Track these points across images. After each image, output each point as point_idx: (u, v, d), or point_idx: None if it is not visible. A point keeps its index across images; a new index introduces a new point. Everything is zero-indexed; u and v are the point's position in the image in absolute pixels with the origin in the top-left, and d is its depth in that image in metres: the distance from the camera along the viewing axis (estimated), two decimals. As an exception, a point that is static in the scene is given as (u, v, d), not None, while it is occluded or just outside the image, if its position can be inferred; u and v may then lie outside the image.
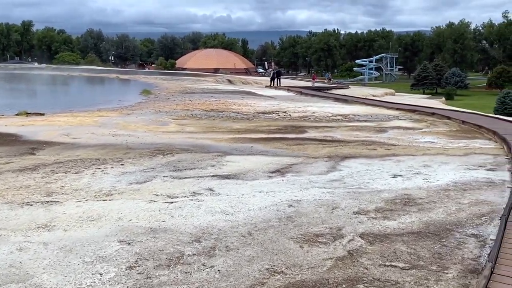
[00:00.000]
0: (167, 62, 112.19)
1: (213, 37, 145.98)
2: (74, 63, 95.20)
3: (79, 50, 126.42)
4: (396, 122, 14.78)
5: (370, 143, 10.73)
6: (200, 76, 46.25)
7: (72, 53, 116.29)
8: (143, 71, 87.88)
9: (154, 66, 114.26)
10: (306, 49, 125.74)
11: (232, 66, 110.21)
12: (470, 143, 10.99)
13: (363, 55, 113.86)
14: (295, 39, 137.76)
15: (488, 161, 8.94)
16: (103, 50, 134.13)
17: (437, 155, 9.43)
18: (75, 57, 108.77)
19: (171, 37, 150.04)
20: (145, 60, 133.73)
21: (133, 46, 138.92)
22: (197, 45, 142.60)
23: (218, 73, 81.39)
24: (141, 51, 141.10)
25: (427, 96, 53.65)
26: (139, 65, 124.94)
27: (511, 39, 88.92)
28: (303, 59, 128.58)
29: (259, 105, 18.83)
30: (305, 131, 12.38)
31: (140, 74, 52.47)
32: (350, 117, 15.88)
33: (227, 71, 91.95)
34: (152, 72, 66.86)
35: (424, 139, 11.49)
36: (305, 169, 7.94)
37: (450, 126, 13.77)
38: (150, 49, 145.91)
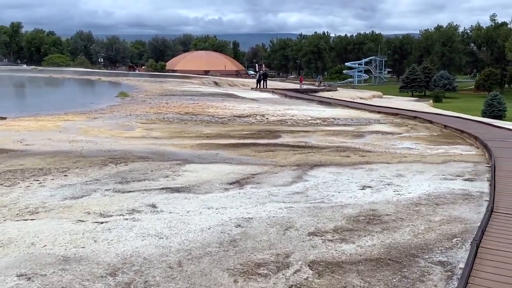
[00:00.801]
0: (157, 64, 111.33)
1: (204, 39, 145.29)
2: (63, 65, 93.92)
3: (69, 52, 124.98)
4: (376, 126, 14.17)
5: (345, 149, 10.08)
6: (187, 78, 45.48)
7: (62, 55, 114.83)
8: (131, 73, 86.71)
9: (144, 68, 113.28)
10: (296, 51, 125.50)
11: (222, 68, 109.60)
12: (450, 149, 10.39)
13: (353, 58, 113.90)
14: (285, 42, 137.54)
15: (467, 169, 8.33)
16: (93, 52, 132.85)
17: (413, 163, 8.80)
18: (65, 59, 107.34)
19: (162, 39, 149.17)
20: (136, 62, 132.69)
21: (123, 48, 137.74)
22: (188, 47, 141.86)
23: (209, 75, 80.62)
24: (131, 53, 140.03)
25: (415, 99, 53.41)
26: (129, 67, 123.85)
27: (498, 42, 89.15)
28: (293, 62, 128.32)
29: (238, 108, 18.14)
30: (279, 136, 11.71)
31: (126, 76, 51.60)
32: (330, 121, 15.25)
33: (218, 73, 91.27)
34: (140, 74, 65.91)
35: (402, 145, 10.87)
36: (268, 180, 7.26)
37: (431, 131, 13.18)
38: (141, 51, 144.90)
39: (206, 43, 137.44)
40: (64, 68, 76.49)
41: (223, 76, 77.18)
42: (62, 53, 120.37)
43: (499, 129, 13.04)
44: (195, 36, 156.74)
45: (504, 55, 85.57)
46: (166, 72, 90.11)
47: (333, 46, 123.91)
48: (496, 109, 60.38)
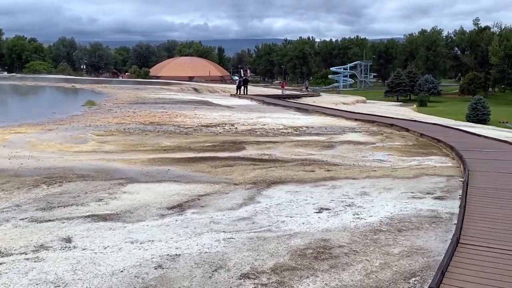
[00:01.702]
0: (140, 71, 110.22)
1: (189, 45, 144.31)
2: (45, 72, 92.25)
3: (51, 59, 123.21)
4: (350, 135, 13.46)
5: (310, 163, 9.33)
6: (166, 85, 44.56)
7: (43, 62, 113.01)
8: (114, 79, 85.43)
9: (127, 75, 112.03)
10: (281, 56, 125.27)
11: (207, 74, 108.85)
12: (424, 161, 9.69)
13: (338, 63, 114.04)
14: (270, 47, 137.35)
15: (440, 185, 7.62)
16: (76, 59, 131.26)
17: (381, 178, 8.07)
18: (46, 66, 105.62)
19: (146, 45, 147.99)
20: (120, 69, 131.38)
21: (107, 55, 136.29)
22: (172, 53, 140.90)
23: (193, 81, 79.66)
24: (115, 60, 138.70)
25: (399, 104, 53.13)
26: (113, 74, 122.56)
27: (482, 46, 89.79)
28: (278, 67, 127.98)
29: (209, 116, 17.32)
30: (243, 148, 10.92)
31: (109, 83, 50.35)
32: (302, 130, 14.51)
33: (202, 79, 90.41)
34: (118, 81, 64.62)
35: (373, 157, 10.15)
36: (215, 202, 6.45)
37: (407, 140, 12.51)
38: (125, 57, 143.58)
39: (191, 49, 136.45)
40: (46, 75, 74.91)
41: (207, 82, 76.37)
42: (44, 60, 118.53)
43: (477, 137, 12.42)
44: (180, 42, 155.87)
45: (488, 59, 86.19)
46: (149, 79, 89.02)
47: (318, 51, 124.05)
48: (480, 113, 60.47)
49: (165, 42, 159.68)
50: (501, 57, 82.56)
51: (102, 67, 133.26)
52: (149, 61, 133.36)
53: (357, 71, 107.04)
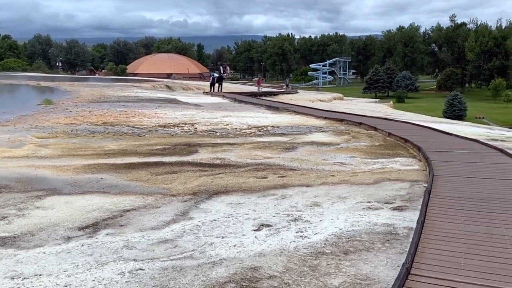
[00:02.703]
0: (117, 68, 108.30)
1: (167, 41, 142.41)
2: (19, 70, 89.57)
3: (26, 57, 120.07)
4: (315, 135, 12.68)
5: (265, 168, 8.48)
6: (138, 82, 43.26)
7: (18, 59, 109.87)
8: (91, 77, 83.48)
9: (104, 72, 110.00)
10: (261, 53, 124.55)
11: (185, 71, 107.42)
12: (389, 164, 8.95)
13: (317, 60, 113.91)
14: (250, 44, 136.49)
15: (401, 192, 6.86)
16: (51, 56, 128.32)
17: (338, 185, 7.28)
18: (21, 64, 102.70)
19: (124, 42, 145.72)
20: (98, 66, 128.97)
21: (83, 52, 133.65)
22: (150, 50, 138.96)
23: (171, 78, 78.27)
24: (93, 57, 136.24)
25: (376, 100, 52.82)
26: (90, 71, 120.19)
27: (458, 42, 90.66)
28: (258, 64, 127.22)
29: (170, 116, 16.34)
30: (195, 152, 10.01)
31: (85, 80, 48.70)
32: (266, 130, 13.67)
33: (180, 76, 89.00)
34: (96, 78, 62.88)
35: (334, 159, 9.36)
36: (140, 220, 5.55)
37: (374, 140, 11.78)
38: (103, 54, 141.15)
39: (169, 46, 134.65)
40: (20, 73, 72.46)
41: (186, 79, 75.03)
42: (19, 57, 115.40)
43: (448, 136, 11.77)
44: (158, 38, 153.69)
45: (464, 55, 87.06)
46: (127, 76, 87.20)
47: (298, 48, 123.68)
48: (457, 109, 60.83)
49: (143, 38, 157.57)
50: (477, 53, 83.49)
51: (79, 64, 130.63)
52: (127, 58, 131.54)
53: (336, 68, 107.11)
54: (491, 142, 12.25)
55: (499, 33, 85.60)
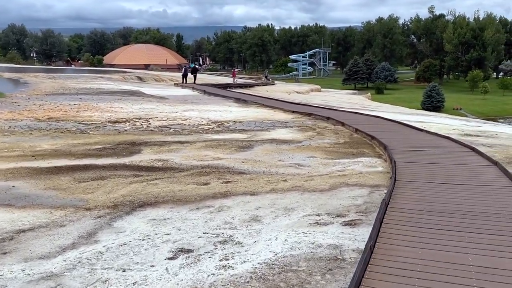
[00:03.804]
0: (93, 58, 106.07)
1: (145, 32, 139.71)
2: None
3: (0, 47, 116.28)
4: (278, 131, 11.72)
5: (210, 172, 7.48)
6: (107, 73, 41.65)
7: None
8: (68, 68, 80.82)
9: (80, 63, 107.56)
10: (241, 44, 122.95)
11: (163, 62, 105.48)
12: (350, 165, 8.04)
13: (297, 51, 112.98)
14: (229, 34, 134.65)
15: (357, 201, 5.95)
16: (26, 47, 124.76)
17: (289, 192, 6.33)
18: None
19: (101, 33, 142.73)
20: (74, 57, 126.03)
21: (59, 42, 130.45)
22: (128, 40, 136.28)
23: (149, 69, 76.37)
24: (70, 47, 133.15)
25: (354, 92, 52.20)
26: (67, 62, 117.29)
27: (437, 33, 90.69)
28: (238, 55, 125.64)
29: (126, 110, 15.17)
30: (138, 152, 8.94)
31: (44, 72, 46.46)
32: (226, 126, 12.65)
33: (158, 67, 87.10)
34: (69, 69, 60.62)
35: (292, 160, 8.42)
36: (31, 244, 4.49)
37: (340, 136, 10.87)
38: (80, 45, 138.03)
39: (147, 36, 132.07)
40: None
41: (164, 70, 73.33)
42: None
43: (418, 132, 10.94)
44: (136, 29, 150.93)
45: (442, 47, 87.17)
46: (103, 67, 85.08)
47: (278, 39, 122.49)
48: (435, 100, 60.75)
49: (121, 29, 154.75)
50: (455, 45, 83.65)
51: (54, 55, 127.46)
52: (104, 49, 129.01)
53: (316, 59, 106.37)
54: (465, 138, 11.51)
55: (477, 24, 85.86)
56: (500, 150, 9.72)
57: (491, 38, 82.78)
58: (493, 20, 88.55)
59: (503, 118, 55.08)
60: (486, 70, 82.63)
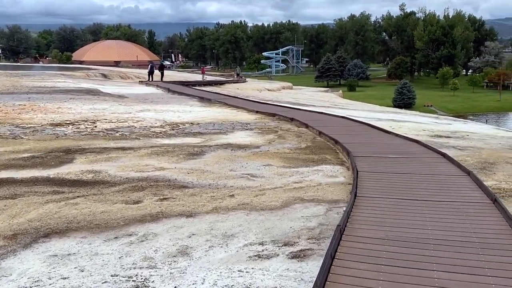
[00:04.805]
0: (62, 55, 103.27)
1: (116, 28, 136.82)
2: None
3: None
4: (236, 135, 10.76)
5: (147, 186, 6.46)
6: (71, 70, 39.81)
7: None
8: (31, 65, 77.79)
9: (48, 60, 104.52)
10: (213, 41, 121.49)
11: (134, 58, 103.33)
12: (309, 175, 7.15)
13: (270, 48, 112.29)
14: (202, 31, 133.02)
15: (311, 223, 5.05)
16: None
17: (234, 212, 5.39)
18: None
19: (70, 29, 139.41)
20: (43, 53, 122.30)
21: (26, 38, 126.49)
22: (98, 36, 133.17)
23: (119, 66, 74.27)
24: (38, 44, 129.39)
25: (325, 89, 51.69)
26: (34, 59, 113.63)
27: (408, 31, 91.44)
28: (211, 51, 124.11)
29: (74, 111, 13.92)
30: (70, 161, 7.83)
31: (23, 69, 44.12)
32: (181, 128, 11.61)
33: (129, 64, 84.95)
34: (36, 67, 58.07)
35: (245, 169, 7.47)
36: None
37: (301, 140, 9.99)
38: (49, 41, 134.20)
39: (118, 32, 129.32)
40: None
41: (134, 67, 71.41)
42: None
43: (386, 135, 10.15)
44: (107, 25, 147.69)
45: (413, 44, 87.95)
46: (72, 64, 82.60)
47: (251, 36, 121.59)
48: (406, 97, 61.04)
49: (91, 25, 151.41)
50: (425, 42, 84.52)
51: (21, 51, 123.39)
52: (74, 45, 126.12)
53: (289, 56, 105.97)
54: (436, 139, 10.84)
55: (447, 22, 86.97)
56: (472, 153, 9.04)
57: (460, 35, 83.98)
58: (462, 18, 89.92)
59: (472, 115, 55.72)
60: (456, 67, 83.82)
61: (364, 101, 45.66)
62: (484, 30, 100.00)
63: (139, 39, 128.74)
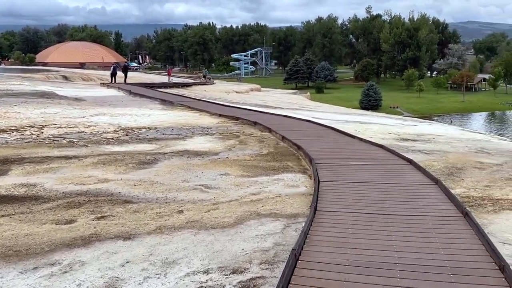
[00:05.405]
0: (25, 57, 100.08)
1: (81, 29, 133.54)
2: None
3: None
4: (195, 140, 10.11)
5: (85, 202, 5.75)
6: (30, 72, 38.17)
7: None
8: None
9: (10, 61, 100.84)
10: (182, 42, 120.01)
11: (100, 60, 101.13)
12: (269, 184, 6.60)
13: (239, 50, 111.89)
14: (170, 32, 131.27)
15: (266, 243, 4.49)
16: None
17: (180, 232, 4.77)
18: None
19: (34, 30, 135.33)
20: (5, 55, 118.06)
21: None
22: (63, 38, 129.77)
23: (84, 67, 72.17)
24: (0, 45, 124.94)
25: (293, 91, 51.60)
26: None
27: (374, 33, 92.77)
28: (179, 53, 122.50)
29: (22, 115, 12.92)
30: (5, 173, 7.01)
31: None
32: (136, 133, 10.86)
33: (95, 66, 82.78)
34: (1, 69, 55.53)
35: (200, 179, 6.84)
36: None
37: (264, 146, 9.44)
38: (12, 42, 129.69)
39: (83, 34, 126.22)
40: None
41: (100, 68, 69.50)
42: None
43: (351, 140, 9.70)
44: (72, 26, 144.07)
45: (380, 46, 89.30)
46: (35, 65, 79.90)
47: (219, 37, 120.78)
48: (373, 99, 61.69)
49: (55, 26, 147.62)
50: (391, 44, 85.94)
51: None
52: (38, 47, 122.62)
53: (258, 58, 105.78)
54: (401, 143, 10.51)
55: (412, 25, 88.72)
56: (438, 157, 8.72)
57: (425, 38, 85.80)
58: (427, 20, 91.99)
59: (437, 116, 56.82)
60: (421, 69, 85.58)
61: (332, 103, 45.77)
62: (448, 32, 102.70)
63: (105, 41, 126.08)
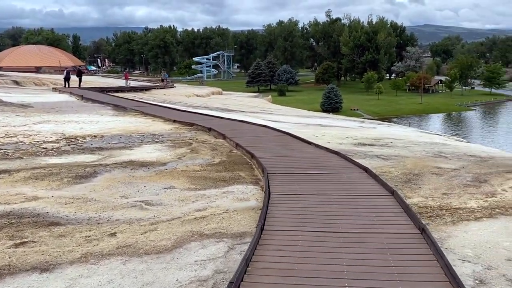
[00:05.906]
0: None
1: (37, 32, 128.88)
2: None
3: None
4: (143, 149, 9.46)
5: (5, 225, 5.05)
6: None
7: None
8: None
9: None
10: (142, 45, 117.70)
11: (57, 64, 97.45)
12: (217, 198, 6.07)
13: (201, 53, 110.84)
14: (130, 35, 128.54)
15: (204, 272, 3.98)
16: None
17: (106, 260, 4.18)
18: None
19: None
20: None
21: None
22: (18, 41, 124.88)
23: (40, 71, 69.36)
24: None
25: (255, 94, 51.25)
26: None
27: (334, 37, 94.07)
28: (139, 56, 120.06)
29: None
30: None
31: None
32: (80, 143, 10.09)
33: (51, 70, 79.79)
34: None
35: (141, 195, 6.24)
36: None
37: (216, 154, 8.91)
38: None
39: (39, 37, 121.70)
40: None
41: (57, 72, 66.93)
42: None
43: (306, 147, 9.31)
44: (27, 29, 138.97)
45: (340, 49, 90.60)
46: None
47: (181, 40, 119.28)
48: (333, 101, 62.29)
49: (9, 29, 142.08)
50: (350, 48, 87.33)
51: None
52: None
53: (220, 61, 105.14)
54: (359, 148, 10.24)
55: (370, 28, 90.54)
56: (396, 163, 8.46)
57: (383, 41, 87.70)
58: (385, 24, 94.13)
59: (396, 117, 57.97)
60: (380, 72, 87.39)
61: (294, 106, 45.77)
62: (405, 36, 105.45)
63: (62, 44, 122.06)
